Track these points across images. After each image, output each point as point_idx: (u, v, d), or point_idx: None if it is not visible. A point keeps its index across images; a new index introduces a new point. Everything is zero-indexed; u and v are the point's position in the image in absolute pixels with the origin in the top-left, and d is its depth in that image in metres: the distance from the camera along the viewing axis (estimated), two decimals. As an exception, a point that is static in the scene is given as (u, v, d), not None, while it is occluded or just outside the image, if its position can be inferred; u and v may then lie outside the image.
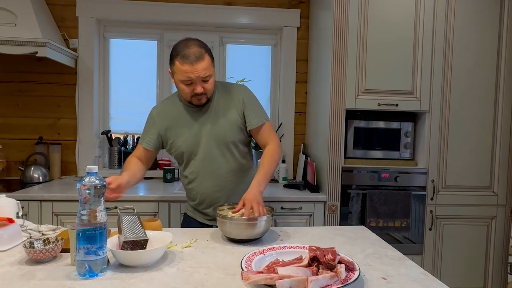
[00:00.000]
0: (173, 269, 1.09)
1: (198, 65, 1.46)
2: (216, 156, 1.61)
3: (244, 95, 1.65)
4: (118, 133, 2.92)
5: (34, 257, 1.10)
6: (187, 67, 1.46)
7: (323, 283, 0.92)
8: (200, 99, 1.55)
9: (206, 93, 1.54)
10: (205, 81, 1.51)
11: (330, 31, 2.30)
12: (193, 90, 1.51)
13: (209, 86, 1.53)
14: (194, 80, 1.49)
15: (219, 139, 1.60)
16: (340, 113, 2.31)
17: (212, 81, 1.54)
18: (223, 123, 1.60)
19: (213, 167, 1.62)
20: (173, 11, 2.78)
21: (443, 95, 2.34)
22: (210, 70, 1.51)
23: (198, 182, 1.65)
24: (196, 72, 1.46)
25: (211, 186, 1.64)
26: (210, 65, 1.51)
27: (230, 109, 1.62)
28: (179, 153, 1.65)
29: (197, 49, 1.48)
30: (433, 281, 1.04)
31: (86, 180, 1.01)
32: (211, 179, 1.63)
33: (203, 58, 1.47)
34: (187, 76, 1.47)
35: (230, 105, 1.63)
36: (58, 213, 2.18)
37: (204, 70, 1.48)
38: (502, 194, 2.40)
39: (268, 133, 1.65)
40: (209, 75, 1.50)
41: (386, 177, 2.33)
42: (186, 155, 1.64)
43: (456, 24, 2.31)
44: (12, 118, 2.74)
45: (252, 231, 1.32)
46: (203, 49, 1.49)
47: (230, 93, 1.65)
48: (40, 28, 2.29)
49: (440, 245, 2.39)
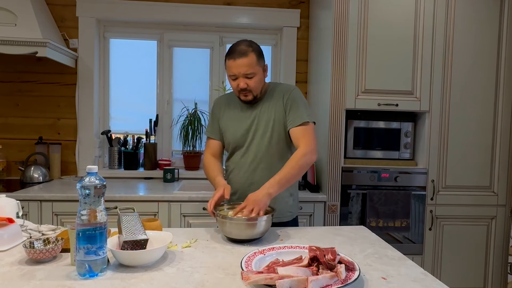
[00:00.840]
0: (173, 269, 1.09)
1: (240, 61, 1.52)
2: (256, 153, 1.64)
3: (289, 95, 1.64)
4: (118, 133, 2.92)
5: (34, 257, 1.10)
6: (231, 62, 1.54)
7: (323, 283, 0.92)
8: (246, 95, 1.60)
9: (251, 90, 1.57)
10: (248, 78, 1.55)
11: (330, 31, 2.30)
12: (238, 85, 1.56)
13: (253, 84, 1.56)
14: (237, 75, 1.54)
15: (262, 137, 1.63)
16: (340, 113, 2.31)
17: (256, 79, 1.56)
18: (268, 122, 1.63)
19: (252, 162, 1.65)
20: (173, 11, 2.78)
21: (443, 95, 2.34)
22: (254, 68, 1.54)
23: (235, 173, 1.70)
24: (237, 67, 1.52)
25: (245, 178, 1.66)
26: (254, 63, 1.54)
27: (275, 109, 1.64)
28: (227, 143, 1.72)
29: (244, 47, 1.54)
30: (433, 281, 1.04)
31: (86, 180, 1.01)
32: (248, 172, 1.66)
33: (247, 55, 1.52)
34: (231, 71, 1.55)
35: (276, 105, 1.64)
36: (58, 213, 2.18)
37: (246, 66, 1.52)
38: (502, 194, 2.40)
39: (302, 135, 1.56)
40: (252, 72, 1.54)
41: (386, 177, 2.33)
42: (231, 146, 1.70)
43: (456, 24, 2.31)
44: (12, 118, 2.74)
45: (252, 231, 1.32)
46: (250, 48, 1.54)
47: (277, 92, 1.67)
48: (40, 28, 2.29)
49: (440, 245, 2.39)
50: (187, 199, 2.23)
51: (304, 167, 1.52)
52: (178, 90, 2.97)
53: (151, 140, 2.86)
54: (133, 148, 2.84)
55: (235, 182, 1.69)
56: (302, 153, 1.52)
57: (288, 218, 1.70)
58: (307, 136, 1.56)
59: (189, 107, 2.90)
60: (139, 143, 2.84)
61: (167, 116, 2.95)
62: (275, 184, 1.45)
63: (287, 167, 1.49)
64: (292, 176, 1.49)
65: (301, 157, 1.51)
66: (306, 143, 1.54)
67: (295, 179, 1.55)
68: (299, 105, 1.62)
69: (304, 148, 1.53)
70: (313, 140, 1.57)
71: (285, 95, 1.64)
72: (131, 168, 2.81)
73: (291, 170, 1.49)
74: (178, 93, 2.97)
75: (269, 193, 1.42)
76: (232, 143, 1.69)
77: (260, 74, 1.58)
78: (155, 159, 2.85)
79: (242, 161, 1.67)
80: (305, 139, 1.55)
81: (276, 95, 1.66)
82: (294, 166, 1.49)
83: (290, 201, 1.70)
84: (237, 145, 1.68)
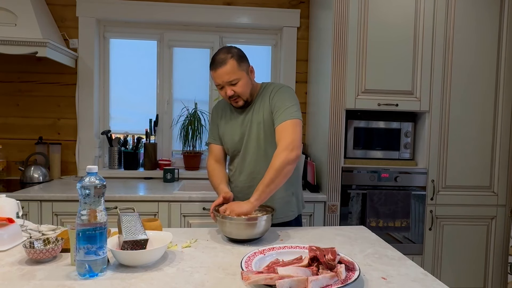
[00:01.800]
0: (173, 269, 1.09)
1: (221, 70, 1.53)
2: (253, 155, 1.65)
3: (274, 94, 1.63)
4: (118, 133, 2.92)
5: (34, 257, 1.10)
6: (213, 73, 1.56)
7: (323, 283, 0.92)
8: (236, 101, 1.60)
9: (239, 95, 1.58)
10: (233, 84, 1.55)
11: (330, 31, 2.30)
12: (225, 94, 1.58)
13: (239, 89, 1.56)
14: (222, 85, 1.56)
15: (256, 140, 1.63)
16: (340, 113, 2.31)
17: (242, 84, 1.56)
18: (259, 124, 1.63)
19: (249, 165, 1.66)
20: (173, 11, 2.78)
21: (443, 95, 2.34)
22: (236, 74, 1.54)
23: (236, 177, 1.71)
24: (220, 77, 1.54)
25: (245, 182, 1.67)
26: (235, 69, 1.53)
27: (264, 110, 1.63)
28: (226, 148, 1.74)
29: (222, 55, 1.54)
30: (433, 281, 1.04)
31: (86, 180, 1.01)
32: (246, 176, 1.67)
33: (226, 63, 1.52)
34: (215, 81, 1.57)
35: (264, 106, 1.64)
36: (58, 213, 2.18)
37: (227, 74, 1.53)
38: (502, 194, 2.40)
39: (280, 134, 1.52)
40: (235, 78, 1.54)
41: (386, 177, 2.33)
42: (231, 151, 1.72)
43: (456, 24, 2.31)
44: (12, 118, 2.74)
45: (251, 231, 1.33)
46: (228, 54, 1.54)
47: (266, 93, 1.66)
48: (40, 28, 2.29)
49: (440, 245, 2.39)
50: (187, 199, 2.23)
51: (283, 168, 1.45)
52: (178, 90, 2.97)
53: (151, 140, 2.86)
54: (133, 148, 2.84)
55: (236, 186, 1.71)
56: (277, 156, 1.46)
57: (290, 218, 1.70)
58: (286, 131, 1.51)
59: (189, 107, 2.90)
60: (139, 143, 2.84)
61: (167, 116, 2.95)
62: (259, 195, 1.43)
63: (268, 175, 1.44)
64: (275, 183, 1.44)
65: (277, 161, 1.45)
66: (284, 140, 1.49)
67: (281, 183, 1.47)
68: (284, 103, 1.57)
69: (279, 149, 1.48)
70: (292, 136, 1.49)
71: (271, 95, 1.64)
72: (131, 168, 2.81)
73: (273, 177, 1.43)
74: (178, 93, 2.97)
75: (251, 202, 1.42)
76: (231, 148, 1.71)
77: (245, 78, 1.57)
78: (155, 159, 2.85)
79: (241, 165, 1.68)
80: (282, 137, 1.50)
81: (265, 96, 1.66)
82: (274, 173, 1.44)
83: (293, 200, 1.70)
84: (235, 149, 1.69)
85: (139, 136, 2.87)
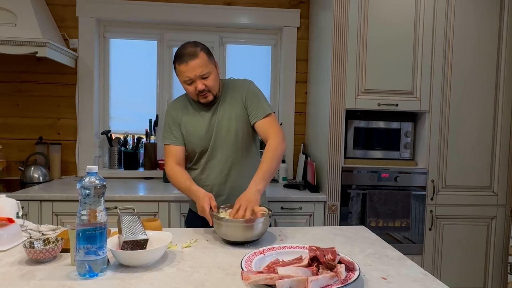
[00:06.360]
0: (173, 269, 1.09)
1: (193, 62, 1.50)
2: (223, 152, 1.64)
3: (248, 89, 1.65)
4: (118, 133, 2.92)
5: (34, 257, 1.10)
6: (183, 67, 1.51)
7: (323, 283, 0.92)
8: (206, 96, 1.58)
9: (210, 89, 1.57)
10: (205, 78, 1.54)
11: (330, 31, 2.30)
12: (195, 89, 1.54)
13: (210, 83, 1.55)
14: (193, 79, 1.53)
15: (226, 136, 1.63)
16: (340, 113, 2.31)
17: (212, 78, 1.56)
18: (230, 120, 1.63)
19: (220, 162, 1.65)
20: (173, 11, 2.78)
21: (443, 95, 2.34)
22: (208, 67, 1.54)
23: (204, 176, 1.69)
24: (191, 70, 1.51)
25: (215, 179, 1.66)
26: (206, 62, 1.53)
27: (235, 105, 1.64)
28: (191, 148, 1.68)
29: (191, 48, 1.52)
30: (433, 281, 1.04)
31: (86, 180, 1.01)
32: (217, 173, 1.66)
33: (197, 56, 1.51)
34: (186, 76, 1.53)
35: (235, 101, 1.64)
36: (58, 213, 2.18)
37: (200, 67, 1.51)
38: (502, 194, 2.40)
39: (270, 127, 1.59)
40: (207, 72, 1.53)
41: (386, 177, 2.33)
42: (197, 150, 1.67)
43: (456, 24, 2.31)
44: (12, 118, 2.74)
45: (249, 233, 1.30)
46: (197, 47, 1.53)
47: (235, 88, 1.67)
48: (40, 28, 2.29)
49: (440, 245, 2.39)
50: (187, 199, 2.23)
51: (280, 157, 1.55)
52: (178, 90, 2.97)
53: (151, 140, 2.86)
54: (133, 148, 2.84)
55: (205, 185, 1.65)
56: (275, 144, 1.54)
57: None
58: (273, 126, 1.60)
59: (189, 107, 2.90)
60: (139, 143, 2.84)
61: (167, 116, 2.95)
62: (261, 180, 1.45)
63: (266, 161, 1.50)
64: (273, 168, 1.51)
65: (276, 148, 1.53)
66: (275, 133, 1.57)
67: (276, 170, 1.56)
68: (259, 98, 1.64)
69: (275, 139, 1.55)
70: (280, 129, 1.61)
71: (243, 90, 1.64)
72: (131, 168, 2.81)
73: (271, 162, 1.51)
74: (178, 93, 2.97)
75: (258, 189, 1.43)
76: (198, 146, 1.66)
77: (214, 72, 1.58)
78: (155, 159, 2.85)
79: (210, 163, 1.66)
80: (273, 130, 1.58)
81: (232, 91, 1.66)
82: (273, 158, 1.51)
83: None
84: (202, 148, 1.66)
85: (139, 136, 2.87)
